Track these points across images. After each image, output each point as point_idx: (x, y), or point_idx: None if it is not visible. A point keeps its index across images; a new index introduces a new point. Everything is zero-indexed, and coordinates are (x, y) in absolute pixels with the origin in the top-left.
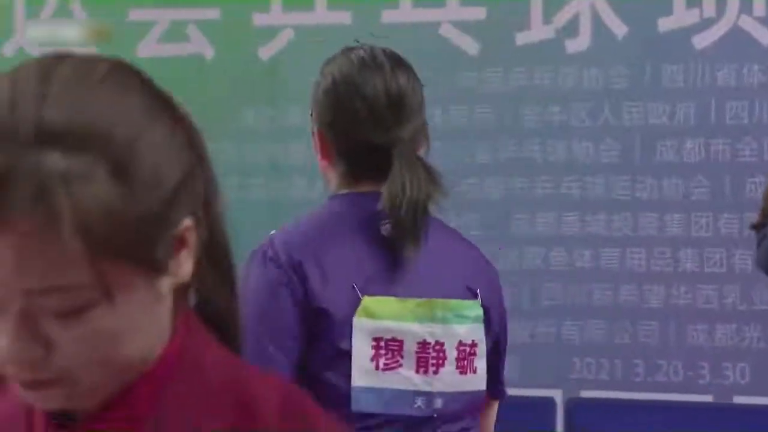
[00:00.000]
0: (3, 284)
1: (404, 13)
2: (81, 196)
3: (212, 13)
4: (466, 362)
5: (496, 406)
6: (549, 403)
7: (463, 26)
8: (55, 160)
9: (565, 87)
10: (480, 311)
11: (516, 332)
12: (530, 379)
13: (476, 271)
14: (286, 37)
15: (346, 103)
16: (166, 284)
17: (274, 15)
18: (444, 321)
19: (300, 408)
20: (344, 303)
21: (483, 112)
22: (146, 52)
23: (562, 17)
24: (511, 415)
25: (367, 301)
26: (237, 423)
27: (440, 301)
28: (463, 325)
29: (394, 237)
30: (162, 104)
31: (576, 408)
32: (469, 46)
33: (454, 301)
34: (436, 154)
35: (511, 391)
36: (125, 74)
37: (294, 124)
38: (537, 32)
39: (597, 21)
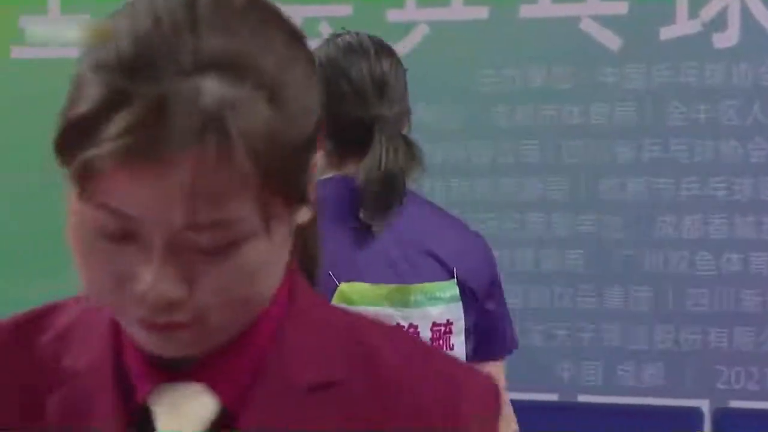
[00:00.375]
0: (157, 219)
1: (543, 8)
2: (248, 122)
3: (344, 10)
4: (441, 341)
5: (501, 367)
6: (696, 413)
7: (605, 21)
8: (216, 87)
9: (712, 84)
10: (455, 291)
11: (660, 338)
12: (676, 388)
13: (454, 247)
14: (420, 33)
15: (333, 85)
16: (298, 219)
17: (409, 11)
18: (417, 305)
19: (421, 349)
20: (322, 290)
21: (625, 110)
22: None
23: (710, 11)
24: (657, 425)
25: (343, 287)
26: (361, 367)
27: (414, 286)
28: (437, 306)
29: (364, 211)
30: (299, 40)
31: (724, 418)
32: (611, 41)
33: (428, 285)
34: (576, 153)
35: (656, 401)
36: (264, 6)
37: (427, 122)
38: (682, 26)
39: (746, 14)
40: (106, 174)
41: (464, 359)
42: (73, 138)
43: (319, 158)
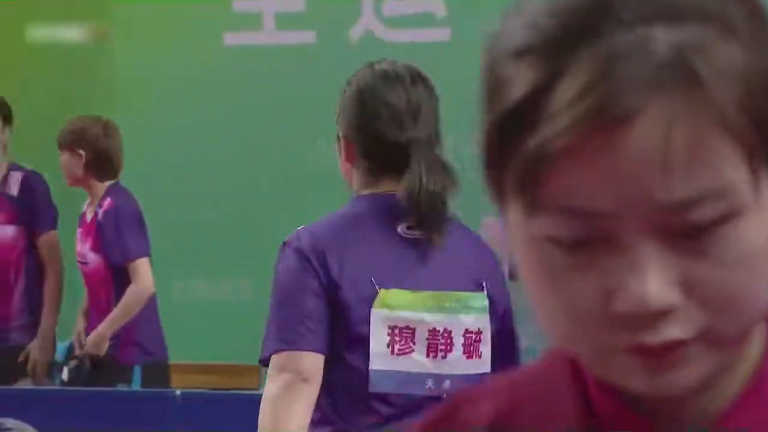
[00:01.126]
0: (631, 203)
1: None
2: (720, 64)
3: None
4: (472, 348)
5: None
6: None
7: None
8: (669, 33)
9: None
10: (485, 302)
11: None
12: None
13: (484, 266)
14: None
15: (371, 108)
16: None
17: None
18: (452, 311)
19: None
20: (363, 295)
21: None
22: None
23: None
24: None
25: (383, 293)
26: None
27: (449, 293)
28: (470, 315)
29: (415, 230)
30: None
31: None
32: None
33: (461, 293)
34: None
35: None
36: None
37: None
38: None
39: None
40: (557, 168)
41: (489, 368)
42: (509, 133)
43: (355, 178)
